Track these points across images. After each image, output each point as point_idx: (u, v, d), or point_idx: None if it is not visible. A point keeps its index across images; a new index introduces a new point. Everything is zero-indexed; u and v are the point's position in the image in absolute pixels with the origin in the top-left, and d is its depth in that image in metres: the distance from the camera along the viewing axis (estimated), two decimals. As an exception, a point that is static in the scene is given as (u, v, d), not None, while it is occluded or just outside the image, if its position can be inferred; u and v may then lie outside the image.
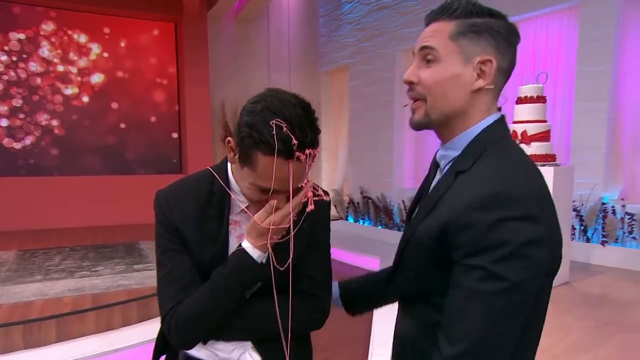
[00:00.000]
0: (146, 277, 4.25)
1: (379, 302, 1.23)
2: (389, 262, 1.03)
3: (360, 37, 7.80)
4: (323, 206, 1.10)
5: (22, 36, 6.75)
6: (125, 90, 7.50)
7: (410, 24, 6.76)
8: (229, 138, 1.01)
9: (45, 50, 6.90)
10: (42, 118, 6.97)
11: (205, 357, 1.12)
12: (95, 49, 7.22)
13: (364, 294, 1.22)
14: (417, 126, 0.94)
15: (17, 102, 6.81)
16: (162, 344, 1.24)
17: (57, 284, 4.00)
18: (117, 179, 7.41)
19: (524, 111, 4.05)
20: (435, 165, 1.01)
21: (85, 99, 7.22)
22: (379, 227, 7.17)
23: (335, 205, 8.17)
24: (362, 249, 6.09)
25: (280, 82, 8.50)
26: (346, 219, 8.10)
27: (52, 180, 7.02)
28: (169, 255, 1.07)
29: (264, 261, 1.03)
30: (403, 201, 6.73)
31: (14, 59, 6.73)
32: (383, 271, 1.19)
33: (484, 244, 0.76)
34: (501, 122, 0.92)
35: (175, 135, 7.99)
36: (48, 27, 6.89)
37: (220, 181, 1.08)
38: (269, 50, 8.42)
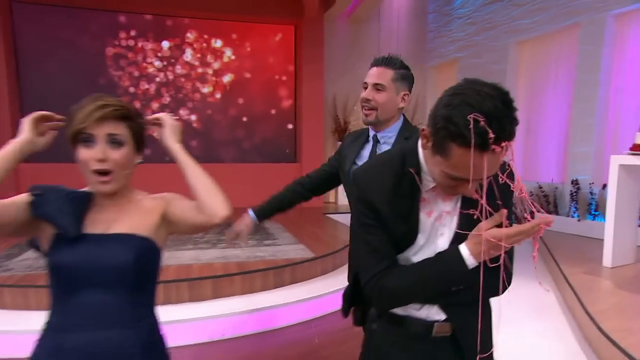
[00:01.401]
0: (277, 251, 4.69)
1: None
2: None
3: (471, 32, 7.64)
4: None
5: (171, 44, 7.67)
6: (250, 87, 8.15)
7: (526, 15, 6.49)
8: (423, 127, 1.03)
9: (188, 55, 7.76)
10: (184, 113, 7.87)
11: (396, 311, 1.19)
12: (228, 52, 7.95)
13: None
14: (369, 123, 1.72)
15: (166, 100, 7.76)
16: (353, 298, 1.38)
17: (206, 253, 4.58)
18: (241, 167, 8.09)
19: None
20: (374, 140, 1.74)
21: (218, 95, 7.99)
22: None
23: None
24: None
25: (388, 78, 8.63)
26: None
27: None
28: (366, 228, 1.14)
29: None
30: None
31: (165, 63, 7.67)
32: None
33: None
34: (405, 119, 1.78)
35: (290, 126, 8.50)
36: (192, 35, 7.74)
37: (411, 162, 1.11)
38: (378, 48, 8.57)
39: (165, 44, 7.63)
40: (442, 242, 1.13)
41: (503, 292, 1.10)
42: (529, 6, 6.42)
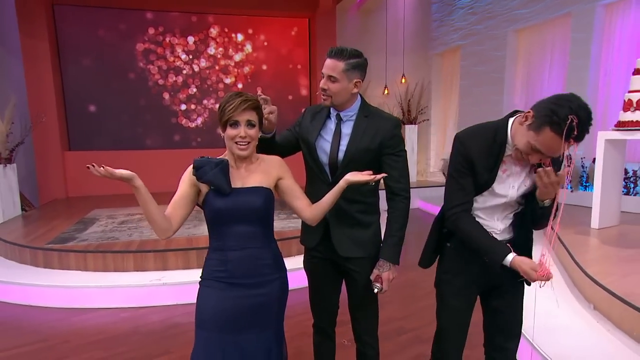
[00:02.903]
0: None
1: None
2: None
3: (473, 21, 8.03)
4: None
5: (196, 39, 8.10)
6: (267, 76, 8.58)
7: (523, 5, 6.89)
8: (530, 109, 1.41)
9: (212, 49, 8.18)
10: (209, 102, 8.33)
11: None
12: (248, 45, 8.37)
13: None
14: (327, 106, 1.84)
15: (192, 91, 8.21)
16: (441, 224, 1.81)
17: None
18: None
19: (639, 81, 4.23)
20: (337, 118, 1.84)
21: (240, 85, 8.44)
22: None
23: (444, 173, 8.61)
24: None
25: (395, 64, 9.05)
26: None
27: (216, 152, 8.38)
28: (460, 173, 1.59)
29: None
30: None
31: (191, 57, 8.12)
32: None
33: (400, 142, 1.78)
34: (362, 98, 1.86)
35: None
36: (215, 30, 8.16)
37: (501, 134, 1.54)
38: (386, 37, 8.97)
39: (191, 39, 8.06)
40: (512, 192, 1.59)
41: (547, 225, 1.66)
42: (526, -3, 6.81)
